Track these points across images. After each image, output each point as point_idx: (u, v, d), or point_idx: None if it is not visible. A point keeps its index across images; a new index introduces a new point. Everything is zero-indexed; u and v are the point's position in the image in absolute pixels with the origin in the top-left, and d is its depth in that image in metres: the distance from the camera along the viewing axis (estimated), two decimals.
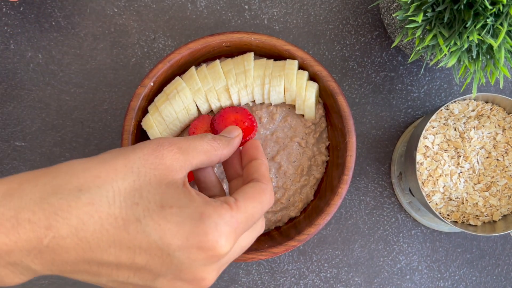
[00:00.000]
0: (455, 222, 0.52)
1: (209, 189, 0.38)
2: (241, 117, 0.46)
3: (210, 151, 0.34)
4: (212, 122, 0.47)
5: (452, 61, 0.40)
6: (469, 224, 0.52)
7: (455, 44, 0.40)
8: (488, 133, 0.51)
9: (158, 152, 0.31)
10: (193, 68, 0.49)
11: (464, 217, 0.52)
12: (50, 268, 0.29)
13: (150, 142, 0.32)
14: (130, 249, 0.29)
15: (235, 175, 0.39)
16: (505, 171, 0.51)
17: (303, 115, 0.50)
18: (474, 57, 0.41)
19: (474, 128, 0.51)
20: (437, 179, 0.50)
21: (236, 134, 0.39)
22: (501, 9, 0.38)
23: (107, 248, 0.28)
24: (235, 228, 0.30)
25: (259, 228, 0.35)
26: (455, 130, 0.51)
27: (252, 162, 0.37)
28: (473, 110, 0.52)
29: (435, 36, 0.41)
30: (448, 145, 0.51)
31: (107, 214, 0.28)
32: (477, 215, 0.52)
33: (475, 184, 0.51)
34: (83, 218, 0.28)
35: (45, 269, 0.29)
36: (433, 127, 0.51)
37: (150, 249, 0.29)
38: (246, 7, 0.57)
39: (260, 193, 0.34)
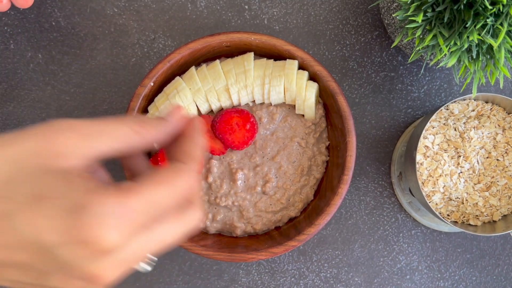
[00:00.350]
0: (455, 222, 0.52)
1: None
2: (243, 119, 0.46)
3: (130, 135, 0.29)
4: (213, 124, 0.46)
5: (452, 61, 0.40)
6: (469, 224, 0.52)
7: (455, 44, 0.40)
8: (488, 133, 0.51)
9: (47, 136, 0.27)
10: (193, 68, 0.49)
11: (464, 217, 0.52)
12: None
13: (42, 125, 0.27)
14: (5, 247, 0.26)
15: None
16: (505, 171, 0.51)
17: (303, 115, 0.50)
18: (474, 57, 0.41)
19: (474, 128, 0.51)
20: (437, 179, 0.50)
21: (174, 116, 0.32)
22: (501, 9, 0.38)
23: None
24: (127, 217, 0.26)
25: (191, 219, 0.29)
26: (455, 130, 0.51)
27: (182, 141, 0.31)
28: (473, 110, 0.52)
29: (435, 36, 0.41)
30: (448, 145, 0.51)
31: None
32: (477, 215, 0.52)
33: (475, 184, 0.51)
34: None
35: None
36: (433, 127, 0.51)
37: (26, 247, 0.26)
38: (246, 7, 0.57)
39: (173, 174, 0.27)
